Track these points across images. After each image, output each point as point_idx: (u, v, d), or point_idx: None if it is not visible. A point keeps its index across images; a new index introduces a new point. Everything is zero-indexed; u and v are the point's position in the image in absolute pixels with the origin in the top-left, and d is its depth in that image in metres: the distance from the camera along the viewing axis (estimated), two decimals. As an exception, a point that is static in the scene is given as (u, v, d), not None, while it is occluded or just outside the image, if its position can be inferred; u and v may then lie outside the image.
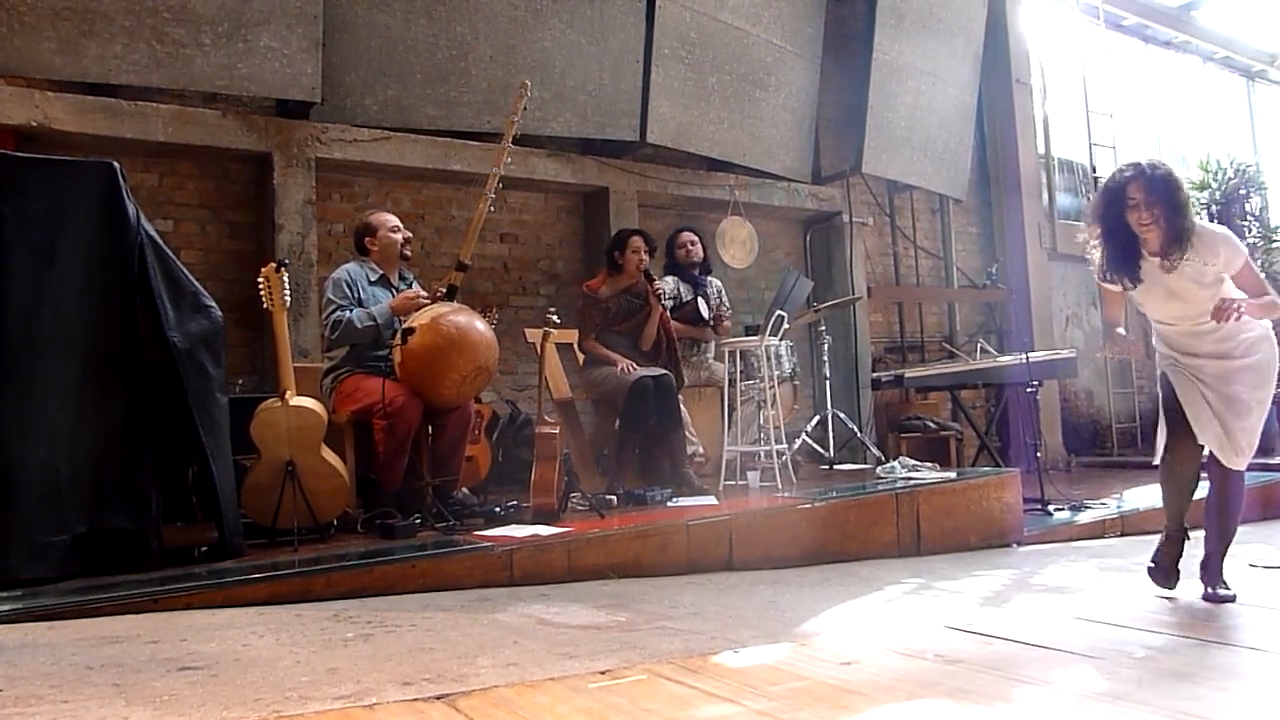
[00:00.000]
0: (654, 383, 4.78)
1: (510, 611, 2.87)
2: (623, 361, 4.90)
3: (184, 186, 5.25)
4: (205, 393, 3.31)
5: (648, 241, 5.09)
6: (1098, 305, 9.39)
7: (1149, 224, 2.98)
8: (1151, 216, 2.96)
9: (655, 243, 5.24)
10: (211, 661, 2.18)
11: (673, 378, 4.90)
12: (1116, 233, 3.06)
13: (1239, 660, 2.44)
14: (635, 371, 4.81)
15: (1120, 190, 3.01)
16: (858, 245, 7.76)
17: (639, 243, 5.05)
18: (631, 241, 5.07)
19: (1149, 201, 2.95)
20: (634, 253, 5.04)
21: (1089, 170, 9.74)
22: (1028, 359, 6.12)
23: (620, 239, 5.15)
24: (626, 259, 5.05)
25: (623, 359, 4.93)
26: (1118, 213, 3.03)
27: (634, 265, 5.04)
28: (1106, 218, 3.07)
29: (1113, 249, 3.08)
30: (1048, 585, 3.67)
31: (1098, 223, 3.11)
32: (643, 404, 4.75)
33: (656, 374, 4.82)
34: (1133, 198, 2.98)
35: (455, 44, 5.60)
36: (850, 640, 2.57)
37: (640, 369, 4.85)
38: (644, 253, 5.04)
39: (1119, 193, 3.01)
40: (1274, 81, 12.58)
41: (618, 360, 4.92)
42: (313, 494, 3.61)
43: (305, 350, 5.08)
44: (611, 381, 4.89)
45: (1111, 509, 5.59)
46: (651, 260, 5.12)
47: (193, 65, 4.83)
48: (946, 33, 8.08)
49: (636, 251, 5.03)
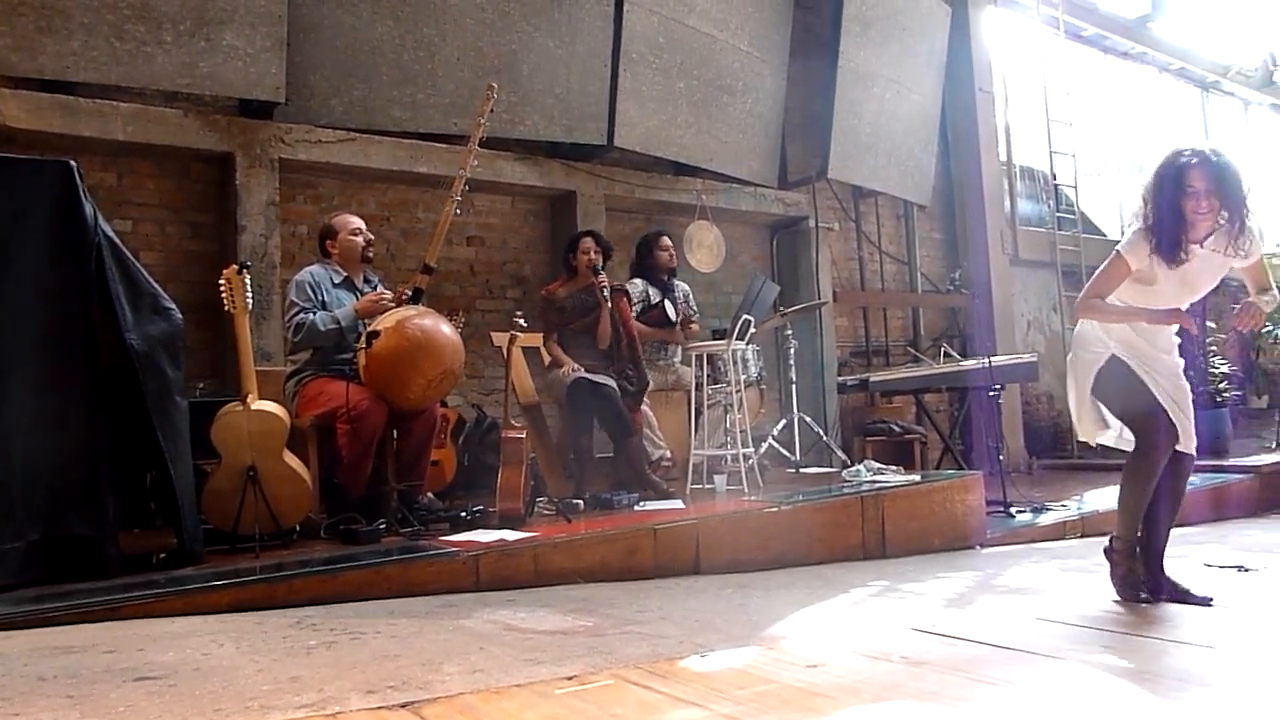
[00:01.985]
0: (592, 386, 4.78)
1: (476, 617, 2.85)
2: (568, 363, 4.91)
3: (144, 186, 5.16)
4: (164, 396, 3.26)
5: (599, 241, 5.16)
6: (1058, 310, 9.56)
7: (1205, 213, 2.95)
8: (1209, 206, 2.94)
9: (609, 244, 5.30)
10: (170, 671, 2.14)
11: (612, 388, 4.86)
12: (1167, 215, 2.98)
13: (1195, 658, 2.48)
14: (575, 373, 4.83)
15: (1181, 175, 2.96)
16: (824, 250, 7.81)
17: (589, 243, 5.12)
18: (582, 243, 5.15)
19: (1209, 191, 2.93)
20: (584, 253, 5.10)
21: (1049, 177, 9.89)
22: (990, 363, 6.22)
23: (572, 241, 5.24)
24: (578, 259, 5.11)
25: (569, 360, 4.94)
26: (1174, 196, 2.96)
27: (584, 265, 5.09)
28: (1161, 199, 2.99)
29: (1160, 230, 3.00)
30: (1010, 586, 3.71)
31: (1152, 202, 3.02)
32: (581, 404, 4.79)
33: (598, 380, 4.82)
34: (1193, 185, 2.94)
35: (422, 45, 5.56)
36: (817, 643, 2.58)
37: (581, 370, 4.86)
38: (594, 253, 5.09)
39: (1179, 178, 2.96)
40: (1227, 93, 12.85)
41: (565, 361, 4.95)
42: (275, 499, 3.56)
43: (268, 353, 5.01)
44: (556, 383, 4.95)
45: (1072, 511, 5.68)
46: (608, 261, 5.17)
47: (153, 63, 4.75)
48: (911, 41, 8.17)
49: (586, 252, 5.10)
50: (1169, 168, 3.01)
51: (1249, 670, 2.34)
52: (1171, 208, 2.97)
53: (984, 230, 9.05)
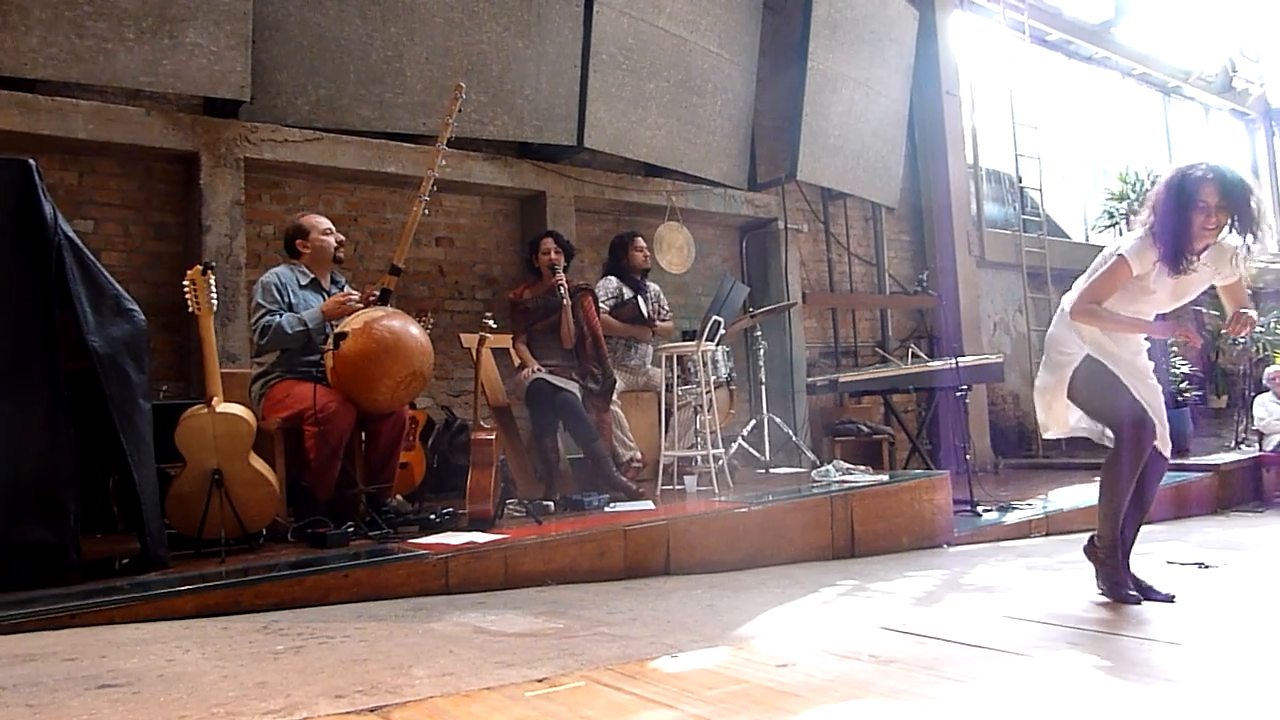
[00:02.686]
0: (551, 389, 4.78)
1: (446, 620, 2.83)
2: (531, 364, 4.92)
3: (105, 186, 5.08)
4: (127, 399, 3.21)
5: (558, 241, 5.19)
6: (1024, 311, 9.67)
7: (1211, 229, 3.00)
8: (1217, 222, 2.98)
9: (570, 243, 5.33)
10: (133, 678, 2.11)
11: (572, 393, 4.89)
12: (1176, 225, 3.01)
13: (1159, 654, 2.52)
14: (536, 374, 4.84)
15: (1195, 188, 2.99)
16: (793, 252, 7.85)
17: (548, 243, 5.17)
18: (541, 243, 5.20)
19: (1220, 207, 2.97)
20: (543, 253, 5.15)
21: (1015, 180, 10.01)
22: (957, 364, 6.27)
23: (533, 242, 5.29)
24: (539, 260, 5.15)
25: (533, 361, 4.95)
26: (1184, 208, 2.99)
27: (543, 265, 5.12)
28: (1170, 210, 3.02)
29: (1168, 239, 3.03)
30: (977, 585, 3.75)
31: (1160, 211, 3.05)
32: (541, 405, 4.81)
33: (557, 383, 4.83)
34: (1204, 201, 2.98)
35: (389, 44, 5.53)
36: (787, 643, 2.59)
37: (543, 372, 4.86)
38: (553, 253, 5.12)
39: (1193, 191, 2.99)
40: (1188, 98, 13.08)
41: (529, 363, 4.97)
42: (241, 503, 3.52)
43: (233, 355, 4.95)
44: (519, 383, 4.98)
45: (1037, 510, 5.76)
46: (570, 261, 5.22)
47: (115, 61, 4.67)
48: (879, 44, 8.24)
49: (546, 252, 5.14)
50: (1183, 179, 3.03)
51: (1213, 665, 2.38)
52: (1181, 219, 3.00)
53: (951, 232, 9.15)
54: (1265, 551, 5.00)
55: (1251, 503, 7.30)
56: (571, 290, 5.08)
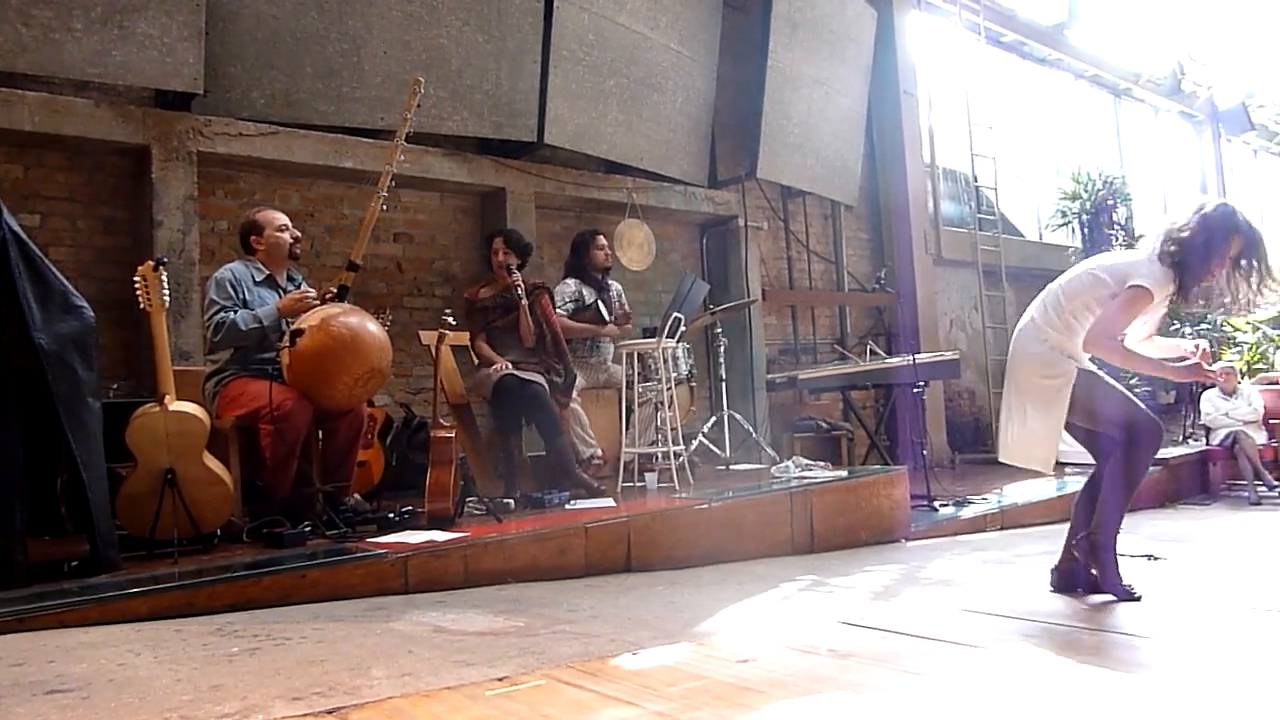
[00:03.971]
0: (520, 384, 4.77)
1: (405, 620, 2.81)
2: (498, 362, 4.91)
3: (53, 179, 4.96)
4: (75, 398, 3.13)
5: (508, 241, 5.16)
6: (979, 308, 9.81)
7: (1219, 274, 3.08)
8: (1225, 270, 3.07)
9: (524, 241, 5.28)
10: (83, 683, 2.06)
11: (541, 386, 4.89)
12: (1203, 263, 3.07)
13: (1111, 645, 2.57)
14: (503, 370, 4.82)
15: (1229, 236, 3.05)
16: (753, 249, 7.89)
17: (498, 243, 5.16)
18: (493, 243, 5.19)
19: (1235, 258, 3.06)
20: (494, 253, 5.14)
21: (971, 179, 10.15)
22: (914, 361, 6.34)
23: (487, 241, 5.27)
24: (492, 260, 5.14)
25: (499, 359, 4.94)
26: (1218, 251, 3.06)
27: (496, 266, 5.11)
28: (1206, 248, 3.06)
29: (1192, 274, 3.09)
30: (934, 579, 3.79)
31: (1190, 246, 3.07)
32: (507, 402, 4.79)
33: (526, 377, 4.82)
34: (1233, 249, 3.05)
35: (347, 38, 5.46)
36: (747, 638, 2.60)
37: (509, 369, 4.85)
38: (503, 253, 5.10)
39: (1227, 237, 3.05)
40: (1138, 100, 13.35)
41: (495, 360, 4.96)
42: (194, 503, 3.46)
43: (186, 352, 4.87)
44: (485, 382, 4.95)
45: (992, 504, 5.85)
46: (526, 258, 5.18)
47: (63, 51, 4.56)
48: (838, 43, 8.30)
49: (496, 252, 5.13)
50: (1225, 223, 3.07)
51: (1164, 655, 2.44)
52: (1206, 259, 3.06)
53: (908, 230, 9.25)
54: (1212, 543, 5.13)
55: (1199, 495, 7.49)
56: (528, 289, 5.06)
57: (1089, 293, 3.19)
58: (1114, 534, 3.17)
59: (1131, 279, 3.10)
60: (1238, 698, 2.03)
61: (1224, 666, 2.33)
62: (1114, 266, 3.22)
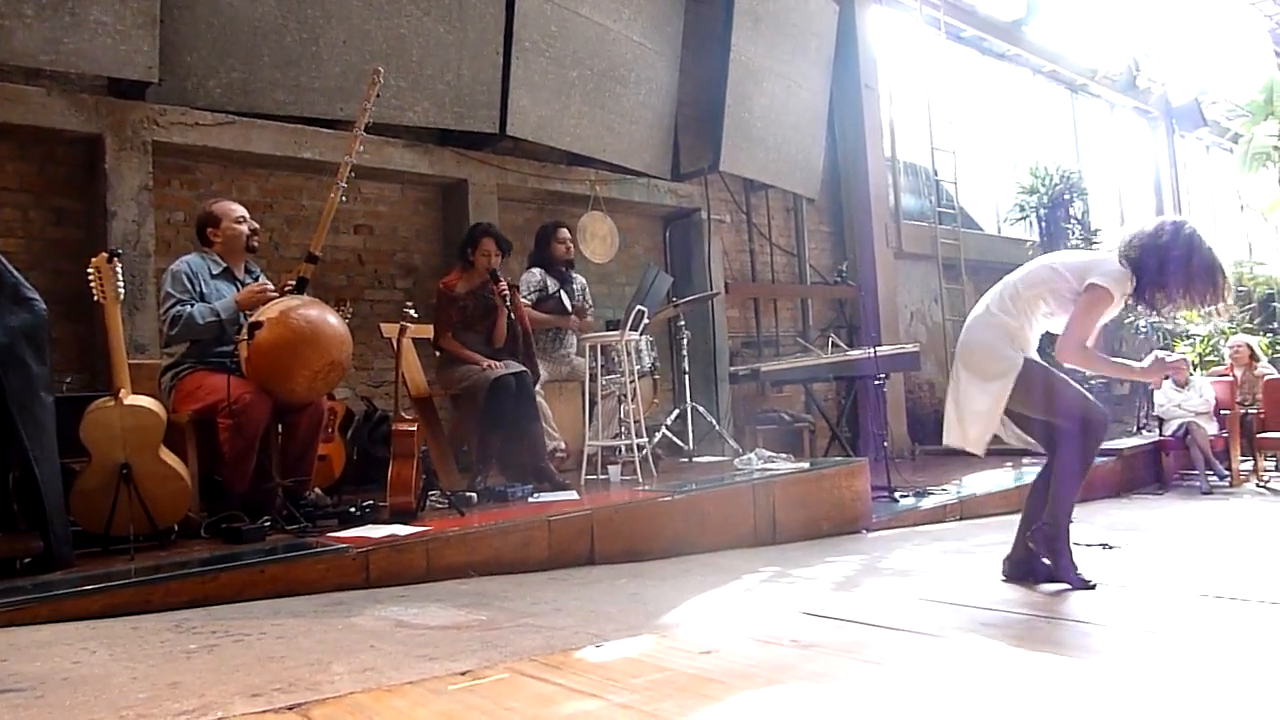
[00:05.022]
0: (515, 380, 4.75)
1: (367, 615, 2.79)
2: (483, 362, 4.84)
3: (3, 169, 4.85)
4: (27, 392, 3.07)
5: (499, 244, 5.03)
6: (939, 301, 9.93)
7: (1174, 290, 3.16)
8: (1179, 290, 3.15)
9: (508, 242, 5.20)
10: (37, 682, 2.03)
11: (530, 378, 4.89)
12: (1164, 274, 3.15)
13: (1067, 633, 2.62)
14: (497, 369, 4.77)
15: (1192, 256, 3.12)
16: (716, 242, 7.91)
17: (490, 246, 4.99)
18: (483, 244, 4.99)
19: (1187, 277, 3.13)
20: (484, 255, 4.98)
21: (931, 173, 10.26)
22: (875, 353, 6.41)
23: (474, 237, 5.07)
24: (477, 259, 4.99)
25: (482, 359, 4.87)
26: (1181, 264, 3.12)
27: (483, 267, 4.99)
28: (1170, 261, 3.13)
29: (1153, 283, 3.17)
30: (895, 569, 3.85)
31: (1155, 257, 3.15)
32: (504, 401, 4.72)
33: (517, 371, 4.79)
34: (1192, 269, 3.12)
35: (305, 27, 5.38)
36: (710, 630, 2.62)
37: (500, 367, 4.81)
38: (494, 256, 4.98)
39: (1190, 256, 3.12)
40: (1095, 95, 13.56)
41: (480, 358, 4.86)
42: (150, 498, 3.41)
43: (142, 345, 4.78)
44: (473, 378, 4.82)
45: (951, 495, 5.93)
46: (503, 260, 5.08)
47: (12, 38, 4.45)
48: (800, 37, 8.34)
49: (487, 255, 4.97)
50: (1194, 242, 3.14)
51: (1119, 642, 2.49)
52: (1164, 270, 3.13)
53: (870, 224, 9.33)
54: (1165, 532, 5.25)
55: (1152, 485, 7.63)
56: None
57: (1046, 285, 3.27)
58: (1067, 523, 3.23)
59: (1089, 276, 3.17)
60: (1188, 682, 2.08)
61: (1175, 652, 2.39)
62: (1073, 263, 3.29)
